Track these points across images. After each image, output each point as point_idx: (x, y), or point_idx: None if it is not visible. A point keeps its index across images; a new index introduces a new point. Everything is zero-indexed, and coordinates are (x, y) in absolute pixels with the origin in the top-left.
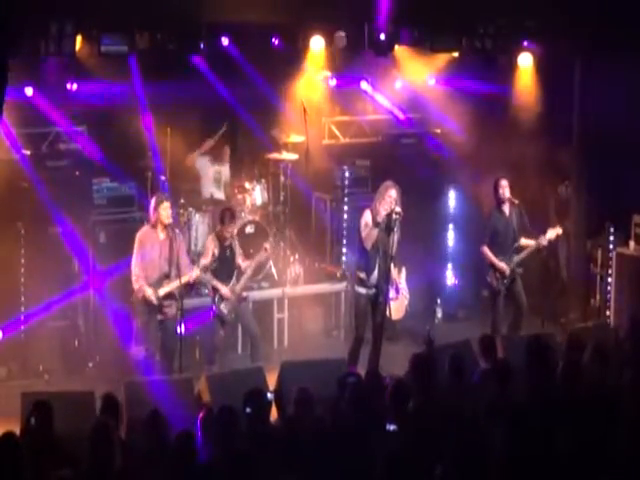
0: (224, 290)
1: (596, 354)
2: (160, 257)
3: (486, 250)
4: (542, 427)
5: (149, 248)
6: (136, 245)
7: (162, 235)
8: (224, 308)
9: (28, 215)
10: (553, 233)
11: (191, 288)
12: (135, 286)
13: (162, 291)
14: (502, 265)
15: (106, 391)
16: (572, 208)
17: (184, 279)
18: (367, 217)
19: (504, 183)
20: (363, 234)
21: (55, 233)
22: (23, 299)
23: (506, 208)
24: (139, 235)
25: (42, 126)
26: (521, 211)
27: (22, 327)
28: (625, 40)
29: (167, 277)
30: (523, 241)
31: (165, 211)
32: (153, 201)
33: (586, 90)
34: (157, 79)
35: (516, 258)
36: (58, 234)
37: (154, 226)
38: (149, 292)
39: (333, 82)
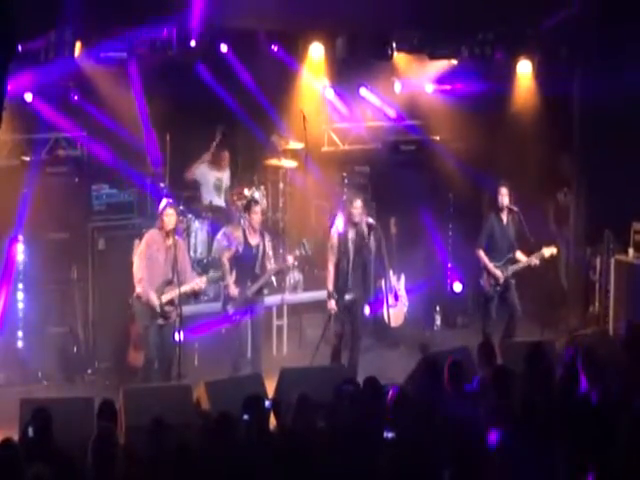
0: (232, 289)
1: (588, 363)
2: (165, 262)
3: (481, 254)
4: (538, 435)
5: (155, 251)
6: (142, 247)
7: (169, 240)
8: (230, 308)
9: (27, 221)
10: (548, 252)
11: (195, 297)
12: (138, 289)
13: (164, 298)
14: (497, 272)
15: (103, 398)
16: (571, 215)
17: (184, 288)
18: (334, 238)
19: (504, 191)
20: (331, 254)
21: (55, 239)
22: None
23: (504, 215)
24: (146, 237)
25: (42, 132)
26: (520, 219)
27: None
28: (625, 46)
29: (170, 283)
30: (518, 254)
31: (168, 217)
32: (161, 205)
33: (585, 97)
34: (156, 85)
35: (511, 268)
36: (58, 240)
37: (161, 230)
38: (154, 299)
39: (332, 89)
